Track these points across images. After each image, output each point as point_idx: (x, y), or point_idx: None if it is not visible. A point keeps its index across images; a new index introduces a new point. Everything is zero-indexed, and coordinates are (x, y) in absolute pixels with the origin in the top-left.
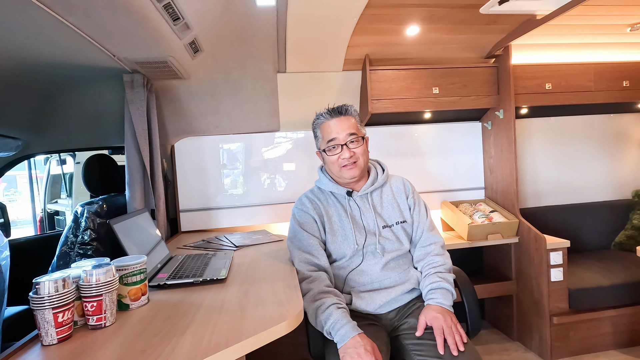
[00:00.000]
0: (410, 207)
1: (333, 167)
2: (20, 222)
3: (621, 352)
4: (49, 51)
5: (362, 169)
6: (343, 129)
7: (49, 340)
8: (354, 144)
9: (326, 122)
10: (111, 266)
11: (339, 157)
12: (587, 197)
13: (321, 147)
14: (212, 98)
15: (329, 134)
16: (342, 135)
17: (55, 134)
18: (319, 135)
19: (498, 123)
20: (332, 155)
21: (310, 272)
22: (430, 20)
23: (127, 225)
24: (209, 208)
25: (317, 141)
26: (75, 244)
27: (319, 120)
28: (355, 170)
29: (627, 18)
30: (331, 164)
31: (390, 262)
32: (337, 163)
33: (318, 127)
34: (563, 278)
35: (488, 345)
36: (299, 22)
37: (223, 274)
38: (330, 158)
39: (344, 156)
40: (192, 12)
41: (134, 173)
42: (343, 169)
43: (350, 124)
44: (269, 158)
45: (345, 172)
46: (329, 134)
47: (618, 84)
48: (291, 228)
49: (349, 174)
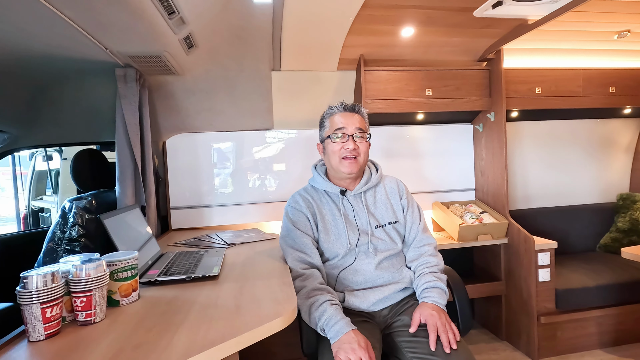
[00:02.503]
0: (403, 208)
1: (333, 158)
2: (2, 220)
3: (606, 351)
4: (39, 43)
5: (360, 166)
6: (353, 122)
7: (36, 336)
8: (360, 139)
9: (337, 114)
10: (102, 261)
11: (343, 146)
12: (574, 200)
13: (326, 135)
14: (206, 95)
15: (337, 124)
16: (351, 128)
17: (44, 127)
18: (327, 124)
19: (489, 126)
20: (336, 144)
21: (303, 269)
22: (426, 22)
23: (117, 220)
24: (201, 206)
25: (321, 131)
26: (63, 240)
27: (331, 110)
28: (355, 165)
29: (614, 25)
30: (332, 154)
31: (383, 262)
32: (338, 153)
33: (327, 118)
34: (550, 279)
35: (477, 344)
36: (295, 20)
37: (215, 271)
38: (333, 146)
39: (348, 146)
40: (188, 6)
41: (125, 169)
42: (343, 160)
43: (360, 120)
44: (261, 156)
45: (344, 165)
46: (338, 123)
47: (605, 89)
48: (284, 226)
49: (348, 169)
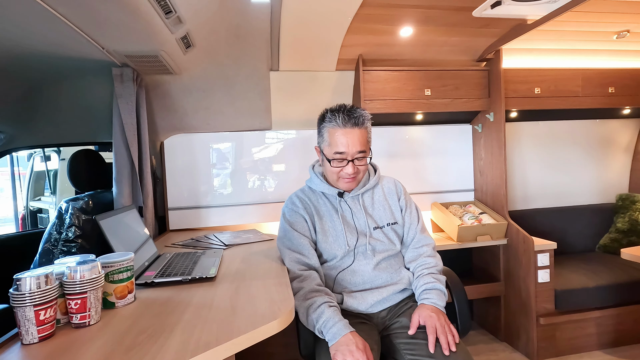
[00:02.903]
0: (402, 209)
1: (331, 176)
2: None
3: (605, 352)
4: (35, 41)
5: (359, 182)
6: (354, 144)
7: (30, 339)
8: (360, 161)
9: (338, 130)
10: (97, 262)
11: (342, 169)
12: (574, 201)
13: (325, 153)
14: (204, 95)
15: (337, 145)
16: (352, 151)
17: (41, 127)
18: (326, 138)
19: (488, 126)
20: (335, 167)
21: (301, 271)
22: (425, 21)
23: (114, 221)
24: (199, 206)
25: (320, 139)
26: (59, 241)
27: (330, 123)
28: (353, 184)
29: (613, 26)
30: (330, 173)
31: (381, 263)
32: (337, 174)
33: (326, 130)
34: (550, 279)
35: (476, 345)
36: (293, 19)
37: (213, 272)
38: (332, 168)
39: (347, 171)
40: (185, 5)
41: (122, 169)
42: (341, 179)
43: (363, 138)
44: (260, 157)
45: (342, 184)
46: (338, 145)
47: (604, 90)
48: (281, 227)
49: (346, 187)
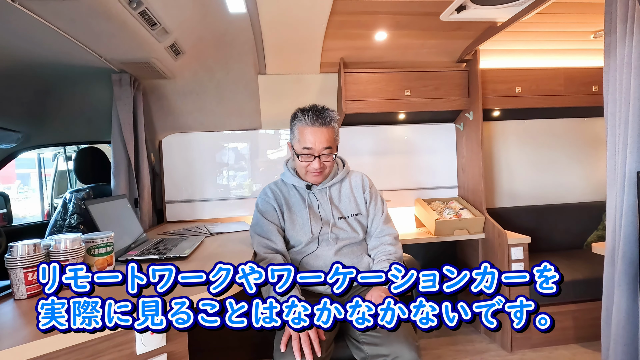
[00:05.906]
0: (366, 201)
1: (300, 170)
2: (31, 217)
3: (582, 345)
4: (42, 51)
5: (326, 176)
6: (321, 141)
7: (20, 295)
8: (326, 157)
9: (306, 128)
10: (78, 235)
11: (309, 164)
12: (562, 199)
13: (295, 148)
14: (197, 97)
15: (305, 141)
16: (318, 148)
17: (52, 127)
18: (296, 134)
19: (469, 124)
20: (303, 162)
21: (266, 254)
22: (396, 26)
23: (102, 207)
24: (194, 200)
25: (291, 136)
26: (63, 227)
27: (300, 122)
28: (319, 178)
29: (589, 25)
30: (299, 167)
31: (343, 249)
32: (305, 169)
33: (296, 127)
34: None
35: (454, 336)
36: (272, 27)
37: (186, 252)
38: (300, 163)
39: (314, 166)
40: (169, 18)
41: (119, 164)
42: (309, 173)
43: (329, 136)
44: (250, 154)
45: (309, 178)
46: (306, 141)
47: (588, 88)
48: (254, 216)
49: (313, 180)
